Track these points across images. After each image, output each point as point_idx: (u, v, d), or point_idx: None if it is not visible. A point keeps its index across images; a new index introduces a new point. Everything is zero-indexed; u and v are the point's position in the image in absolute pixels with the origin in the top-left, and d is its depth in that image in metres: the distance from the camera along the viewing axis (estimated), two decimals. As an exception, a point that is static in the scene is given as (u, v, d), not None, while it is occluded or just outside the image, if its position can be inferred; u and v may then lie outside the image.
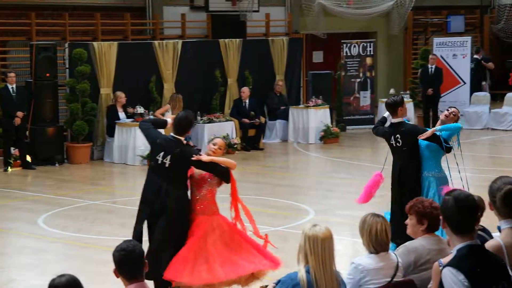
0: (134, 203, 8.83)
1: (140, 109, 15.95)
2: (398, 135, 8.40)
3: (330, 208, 11.64)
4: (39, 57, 15.62)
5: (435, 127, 8.32)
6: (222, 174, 7.20)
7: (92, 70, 16.24)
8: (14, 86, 15.22)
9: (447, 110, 8.57)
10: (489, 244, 4.56)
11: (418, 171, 8.41)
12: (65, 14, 18.32)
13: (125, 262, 4.30)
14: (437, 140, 8.22)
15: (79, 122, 15.81)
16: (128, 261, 4.30)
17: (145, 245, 6.58)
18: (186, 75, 17.61)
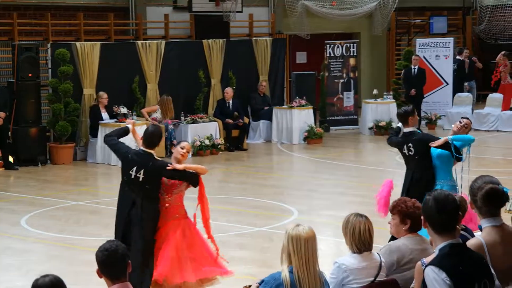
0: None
1: (124, 110, 15.92)
2: (411, 144, 8.48)
3: (314, 208, 11.67)
4: (22, 57, 15.53)
5: (448, 136, 8.37)
6: (192, 180, 7.37)
7: (75, 71, 16.17)
8: (-4, 87, 15.14)
9: (460, 122, 8.62)
10: (471, 243, 4.60)
11: (431, 180, 8.40)
12: (48, 14, 18.24)
13: (108, 262, 4.29)
14: (449, 148, 8.25)
15: (62, 123, 15.75)
16: (111, 261, 4.28)
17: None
18: (170, 76, 17.58)
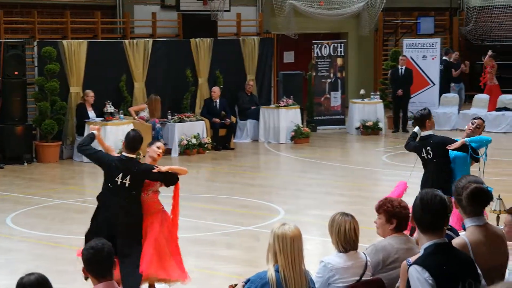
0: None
1: (110, 108, 15.88)
2: (429, 148, 8.47)
3: (300, 208, 11.68)
4: (8, 55, 15.46)
5: (465, 139, 8.36)
6: (172, 181, 7.52)
7: (62, 69, 16.11)
8: (-18, 84, 15.07)
9: (472, 124, 8.61)
10: (455, 242, 4.62)
11: (449, 182, 8.23)
12: (34, 12, 18.16)
13: (94, 261, 4.28)
14: (466, 150, 8.26)
15: (48, 121, 15.69)
16: (97, 260, 4.28)
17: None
18: (157, 74, 17.55)
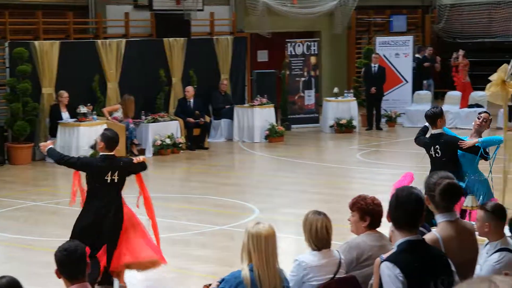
0: (77, 204, 8.73)
1: (83, 109, 15.77)
2: (438, 146, 8.52)
3: (275, 207, 11.69)
4: (-21, 56, 15.32)
5: (477, 139, 8.38)
6: (144, 169, 8.01)
7: (34, 70, 15.99)
8: (-47, 86, 14.90)
9: (478, 118, 8.63)
10: (427, 238, 4.65)
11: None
12: (6, 13, 17.99)
13: (67, 262, 4.26)
14: (477, 151, 8.29)
15: (20, 122, 15.55)
16: (70, 261, 4.25)
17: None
18: (130, 75, 17.47)
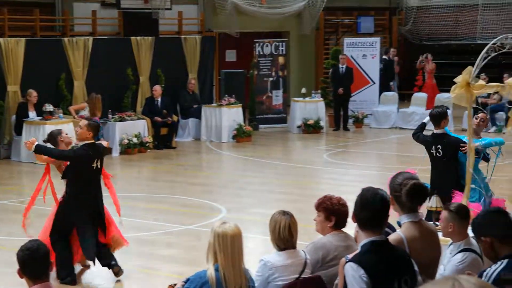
0: (42, 203, 8.66)
1: (49, 107, 15.63)
2: (440, 146, 8.52)
3: (242, 206, 11.69)
4: None
5: (479, 143, 8.38)
6: (109, 153, 8.93)
7: (-1, 67, 15.81)
8: None
9: (476, 119, 8.69)
10: (391, 238, 4.68)
11: (455, 179, 8.43)
12: (-29, 9, 17.78)
13: (30, 262, 4.22)
14: (478, 154, 8.31)
15: (-15, 120, 15.37)
16: (33, 261, 4.21)
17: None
18: (97, 73, 17.36)
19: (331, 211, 5.51)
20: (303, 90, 19.81)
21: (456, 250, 5.32)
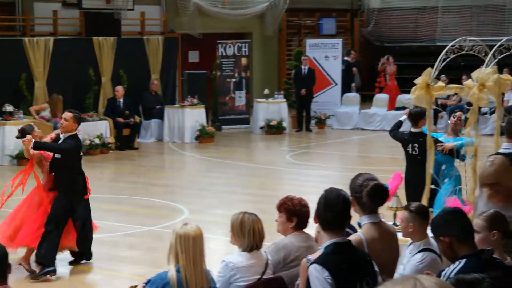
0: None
1: (9, 108, 15.45)
2: (416, 144, 8.65)
3: (205, 207, 11.68)
4: None
5: (455, 143, 8.53)
6: None
7: (-43, 67, 15.59)
8: None
9: (453, 117, 8.77)
10: (351, 239, 4.71)
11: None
12: None
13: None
14: (454, 154, 8.46)
15: None
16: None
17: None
18: (59, 73, 17.19)
19: (293, 212, 5.53)
20: (266, 91, 19.85)
21: (416, 250, 5.38)
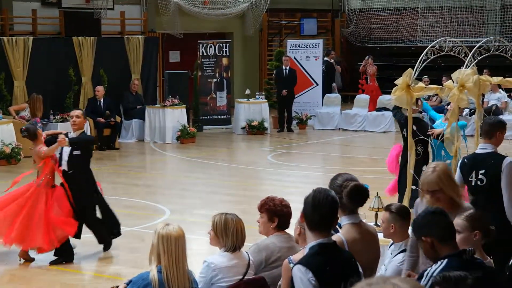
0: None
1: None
2: (415, 127, 8.93)
3: (186, 208, 11.66)
4: None
5: (442, 129, 8.94)
6: None
7: None
8: None
9: (447, 105, 9.24)
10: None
11: (426, 159, 9.15)
12: None
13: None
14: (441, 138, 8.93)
15: None
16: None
17: None
18: (38, 73, 17.09)
19: (274, 212, 5.53)
20: (247, 92, 19.85)
21: (397, 251, 5.39)
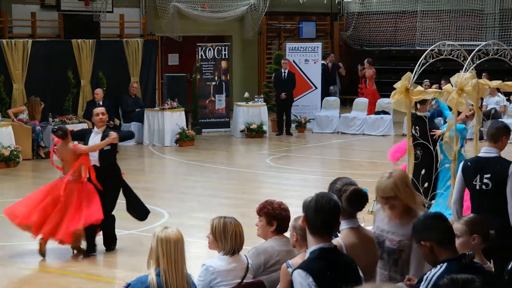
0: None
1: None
2: (417, 127, 9.27)
3: (185, 211, 11.66)
4: None
5: (443, 130, 9.08)
6: None
7: None
8: None
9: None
10: (332, 245, 4.69)
11: (432, 159, 9.26)
12: None
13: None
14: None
15: None
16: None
17: None
18: (37, 76, 17.10)
19: (273, 216, 5.53)
20: (246, 95, 19.85)
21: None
